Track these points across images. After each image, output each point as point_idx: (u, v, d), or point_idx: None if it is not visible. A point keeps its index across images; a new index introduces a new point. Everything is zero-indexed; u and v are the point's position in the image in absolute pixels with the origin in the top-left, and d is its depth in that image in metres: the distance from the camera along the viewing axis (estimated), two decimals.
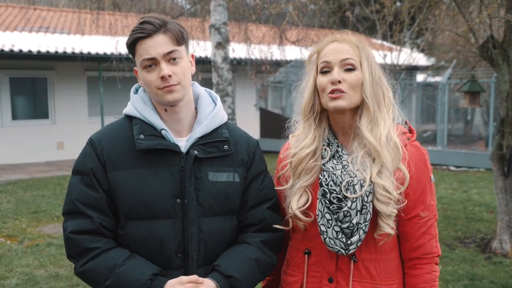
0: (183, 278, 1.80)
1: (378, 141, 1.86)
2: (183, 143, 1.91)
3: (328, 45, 1.94)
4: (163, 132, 1.88)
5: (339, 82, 1.87)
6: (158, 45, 1.82)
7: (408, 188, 1.88)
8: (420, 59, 19.63)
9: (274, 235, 2.00)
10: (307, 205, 1.93)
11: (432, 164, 2.01)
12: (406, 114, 2.05)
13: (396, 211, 1.86)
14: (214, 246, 1.90)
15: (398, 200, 1.86)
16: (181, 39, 1.87)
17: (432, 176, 1.96)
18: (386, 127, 1.88)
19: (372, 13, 9.70)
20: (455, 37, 11.21)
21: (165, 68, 1.82)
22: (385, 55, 15.27)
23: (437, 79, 17.56)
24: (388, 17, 7.48)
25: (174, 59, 1.84)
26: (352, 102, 1.90)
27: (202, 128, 1.92)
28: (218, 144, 1.93)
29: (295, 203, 1.93)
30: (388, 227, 1.85)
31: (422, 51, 20.83)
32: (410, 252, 1.95)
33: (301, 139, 1.99)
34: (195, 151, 1.88)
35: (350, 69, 1.89)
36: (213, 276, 1.84)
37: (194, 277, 1.80)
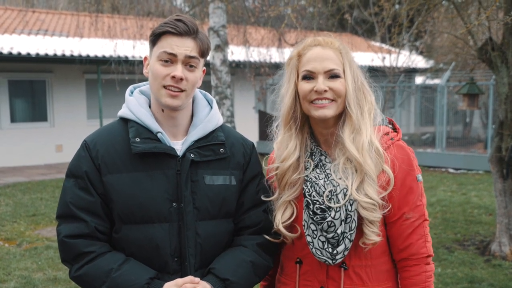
0: (179, 280, 1.78)
1: (360, 151, 1.84)
2: (179, 146, 1.89)
3: (311, 50, 1.90)
4: (159, 135, 1.86)
5: (325, 91, 1.86)
6: (184, 46, 1.81)
7: (393, 189, 1.86)
8: (419, 61, 19.65)
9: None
10: (291, 219, 1.92)
11: (431, 167, 2.01)
12: (405, 116, 2.04)
13: (381, 216, 1.85)
14: (211, 250, 1.89)
15: (383, 205, 1.84)
16: (205, 52, 1.88)
17: (419, 176, 1.93)
18: (369, 133, 1.87)
19: (370, 16, 9.72)
20: (454, 39, 11.22)
21: (180, 70, 1.81)
22: (384, 58, 15.29)
23: (436, 81, 17.57)
24: (386, 20, 7.48)
25: (191, 65, 1.84)
26: (337, 110, 1.89)
27: (198, 131, 1.91)
28: (214, 147, 1.92)
29: (279, 217, 1.93)
30: (373, 234, 1.84)
31: (421, 53, 20.85)
32: (398, 254, 1.93)
33: (283, 148, 1.97)
34: (191, 155, 1.86)
35: (335, 76, 1.87)
36: (208, 279, 1.83)
37: (189, 278, 1.79)
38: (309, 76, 1.89)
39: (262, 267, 1.96)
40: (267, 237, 1.96)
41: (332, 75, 1.87)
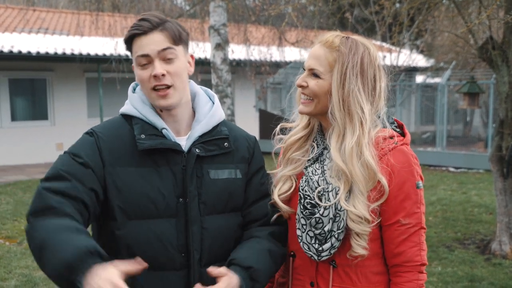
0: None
1: (346, 160, 1.81)
2: (183, 142, 1.89)
3: (314, 46, 1.92)
4: (164, 131, 1.86)
5: (302, 87, 1.89)
6: (153, 42, 1.80)
7: (389, 195, 1.82)
8: (420, 60, 19.65)
9: (280, 228, 2.01)
10: (288, 193, 1.94)
11: (431, 165, 1.99)
12: (405, 115, 2.01)
13: (369, 229, 1.81)
14: (220, 244, 1.89)
15: (372, 220, 1.81)
16: (178, 39, 1.85)
17: (419, 182, 1.87)
18: (353, 142, 1.81)
19: (371, 14, 9.70)
20: (454, 38, 11.22)
21: (158, 67, 1.80)
22: (384, 57, 15.29)
23: (437, 80, 17.55)
24: (387, 18, 7.48)
25: (169, 58, 1.82)
26: (316, 109, 1.89)
27: (202, 126, 1.91)
28: (219, 142, 1.92)
29: (277, 190, 1.95)
30: (359, 247, 1.81)
31: (422, 52, 20.85)
32: (391, 259, 1.89)
33: (295, 127, 2.03)
34: (196, 150, 1.87)
35: (315, 75, 1.87)
36: (232, 269, 1.81)
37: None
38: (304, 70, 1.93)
39: (279, 255, 1.97)
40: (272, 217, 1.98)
41: (313, 74, 1.88)
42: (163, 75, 1.80)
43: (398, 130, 1.96)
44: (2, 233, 7.47)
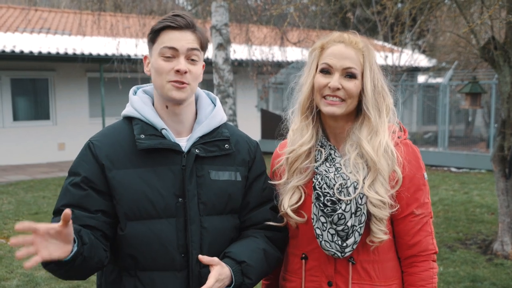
0: None
1: (376, 151, 1.87)
2: (184, 142, 1.90)
3: (334, 45, 1.92)
4: (163, 131, 1.87)
5: (338, 89, 1.88)
6: (184, 39, 1.83)
7: (402, 186, 1.90)
8: (421, 60, 19.62)
9: (278, 234, 2.01)
10: (299, 204, 1.94)
11: (433, 166, 2.04)
12: (407, 115, 2.06)
13: (388, 214, 1.87)
14: (219, 245, 1.89)
15: (391, 204, 1.87)
16: (205, 45, 1.90)
17: (425, 174, 1.98)
18: (386, 135, 1.90)
19: (373, 14, 9.69)
20: (456, 38, 11.20)
21: (183, 64, 1.82)
22: (386, 57, 15.29)
23: (438, 80, 17.55)
24: (389, 19, 7.47)
25: (193, 59, 1.85)
26: (347, 110, 1.91)
27: (203, 127, 1.93)
28: (219, 143, 1.93)
29: (287, 202, 1.95)
30: (381, 232, 1.86)
31: (423, 52, 20.82)
32: (406, 250, 1.95)
33: (298, 134, 1.99)
34: (196, 150, 1.88)
35: (351, 76, 1.89)
36: (225, 262, 1.83)
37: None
38: (327, 70, 1.91)
39: (273, 257, 1.97)
40: (270, 223, 1.98)
41: (348, 74, 1.89)
42: (185, 72, 1.82)
43: (397, 124, 2.04)
44: (4, 233, 7.48)
